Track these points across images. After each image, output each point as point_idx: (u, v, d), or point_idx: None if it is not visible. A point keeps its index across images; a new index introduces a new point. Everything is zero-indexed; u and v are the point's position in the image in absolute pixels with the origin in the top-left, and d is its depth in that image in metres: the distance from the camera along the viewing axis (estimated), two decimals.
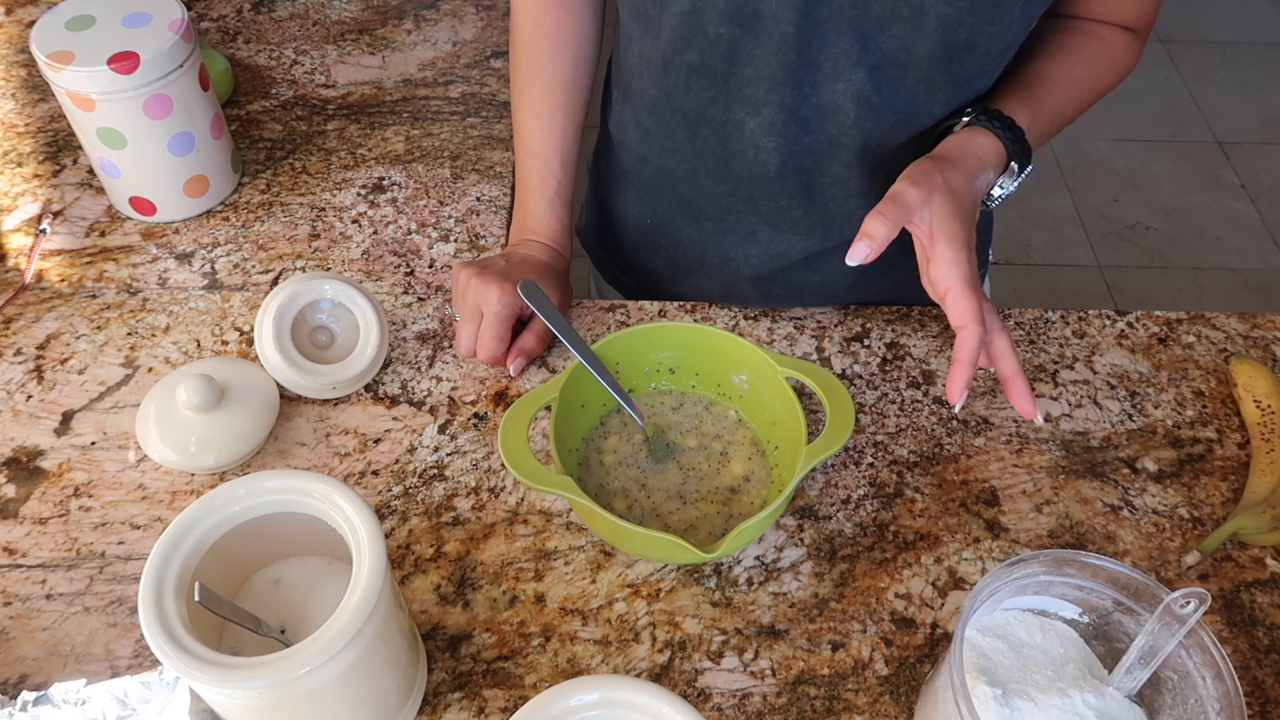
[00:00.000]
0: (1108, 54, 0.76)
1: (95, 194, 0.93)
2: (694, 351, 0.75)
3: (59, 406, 0.76)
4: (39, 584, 0.66)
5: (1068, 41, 0.75)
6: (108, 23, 0.82)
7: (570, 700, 0.49)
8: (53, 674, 0.62)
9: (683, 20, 0.70)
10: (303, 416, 0.76)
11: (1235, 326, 0.85)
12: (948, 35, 0.65)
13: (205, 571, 0.53)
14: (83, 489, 0.71)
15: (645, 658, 0.64)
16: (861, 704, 0.62)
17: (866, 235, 0.61)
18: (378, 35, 1.11)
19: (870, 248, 0.61)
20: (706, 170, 0.80)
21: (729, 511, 0.70)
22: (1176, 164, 2.53)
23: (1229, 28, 2.94)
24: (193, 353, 0.80)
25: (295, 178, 0.95)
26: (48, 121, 0.99)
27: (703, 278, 0.90)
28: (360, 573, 0.50)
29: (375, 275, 0.87)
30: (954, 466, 0.75)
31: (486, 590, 0.67)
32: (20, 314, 0.82)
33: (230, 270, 0.87)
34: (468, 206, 0.93)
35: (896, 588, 0.68)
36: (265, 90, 1.04)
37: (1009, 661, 0.57)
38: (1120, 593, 0.57)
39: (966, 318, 0.62)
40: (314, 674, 0.48)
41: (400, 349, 0.81)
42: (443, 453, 0.74)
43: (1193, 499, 0.73)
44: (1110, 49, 0.76)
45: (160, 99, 0.82)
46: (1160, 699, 0.57)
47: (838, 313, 0.85)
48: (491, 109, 1.02)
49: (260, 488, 0.54)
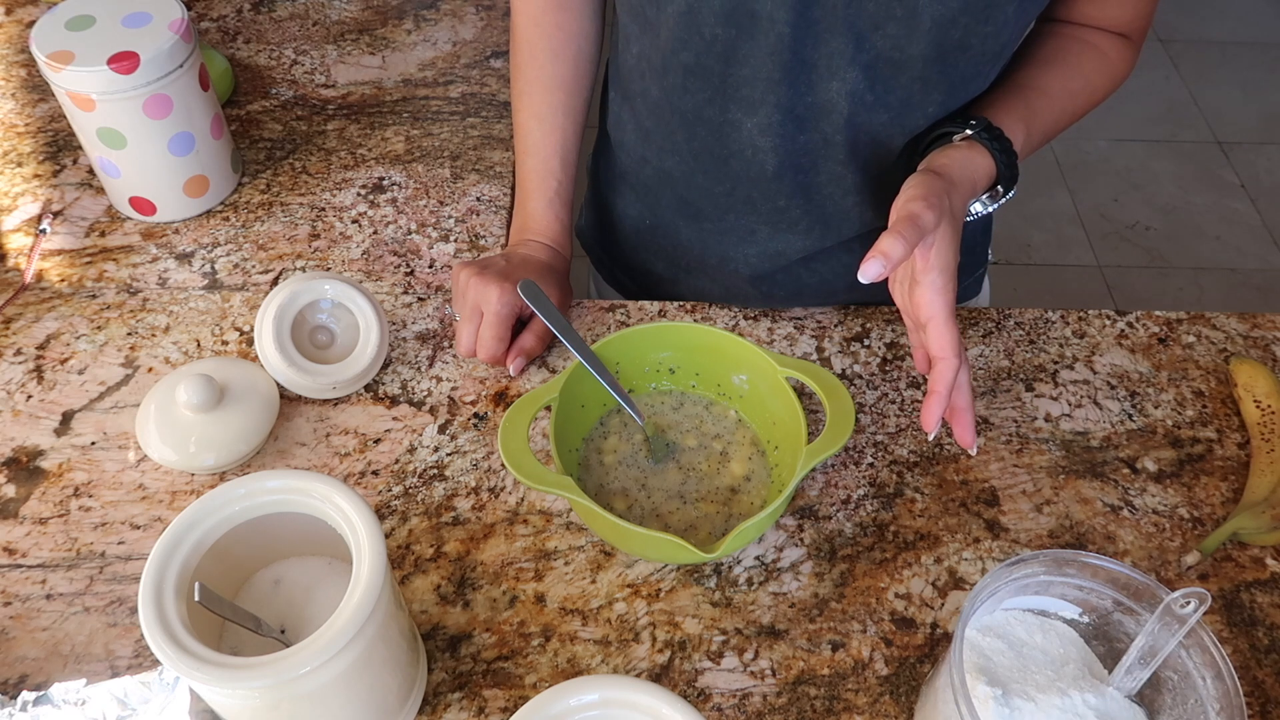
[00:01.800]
0: (1104, 65, 0.76)
1: (95, 194, 0.93)
2: (694, 351, 0.75)
3: (59, 406, 0.76)
4: (39, 584, 0.66)
5: (1064, 52, 0.75)
6: (108, 23, 0.82)
7: (570, 700, 0.49)
8: (53, 674, 0.62)
9: (679, 21, 0.70)
10: (303, 416, 0.76)
11: (1235, 326, 0.85)
12: (941, 35, 0.66)
13: (205, 571, 0.53)
14: (83, 489, 0.71)
15: (645, 658, 0.64)
16: (861, 704, 0.62)
17: (883, 254, 0.60)
18: (378, 35, 1.11)
19: (885, 267, 0.61)
20: (705, 170, 0.80)
21: (729, 511, 0.70)
22: (1176, 164, 2.53)
23: (1229, 28, 2.94)
24: (193, 353, 0.80)
25: (295, 178, 0.95)
26: (48, 121, 0.99)
27: (702, 278, 0.90)
28: (360, 573, 0.50)
29: (375, 275, 0.87)
30: (954, 466, 0.75)
31: (486, 590, 0.67)
32: (20, 314, 0.82)
33: (230, 270, 0.87)
34: (468, 206, 0.93)
35: (896, 588, 0.68)
36: (265, 90, 1.04)
37: (1009, 661, 0.57)
38: (1120, 593, 0.57)
39: (946, 350, 0.63)
40: (314, 674, 0.48)
41: (400, 349, 0.81)
42: (443, 453, 0.74)
43: (1193, 499, 0.73)
44: (1106, 60, 0.76)
45: (160, 99, 0.82)
46: (1160, 699, 0.57)
47: (838, 313, 0.85)
48: (491, 109, 1.02)
49: (260, 488, 0.54)
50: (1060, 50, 0.75)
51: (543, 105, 0.83)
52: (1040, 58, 0.75)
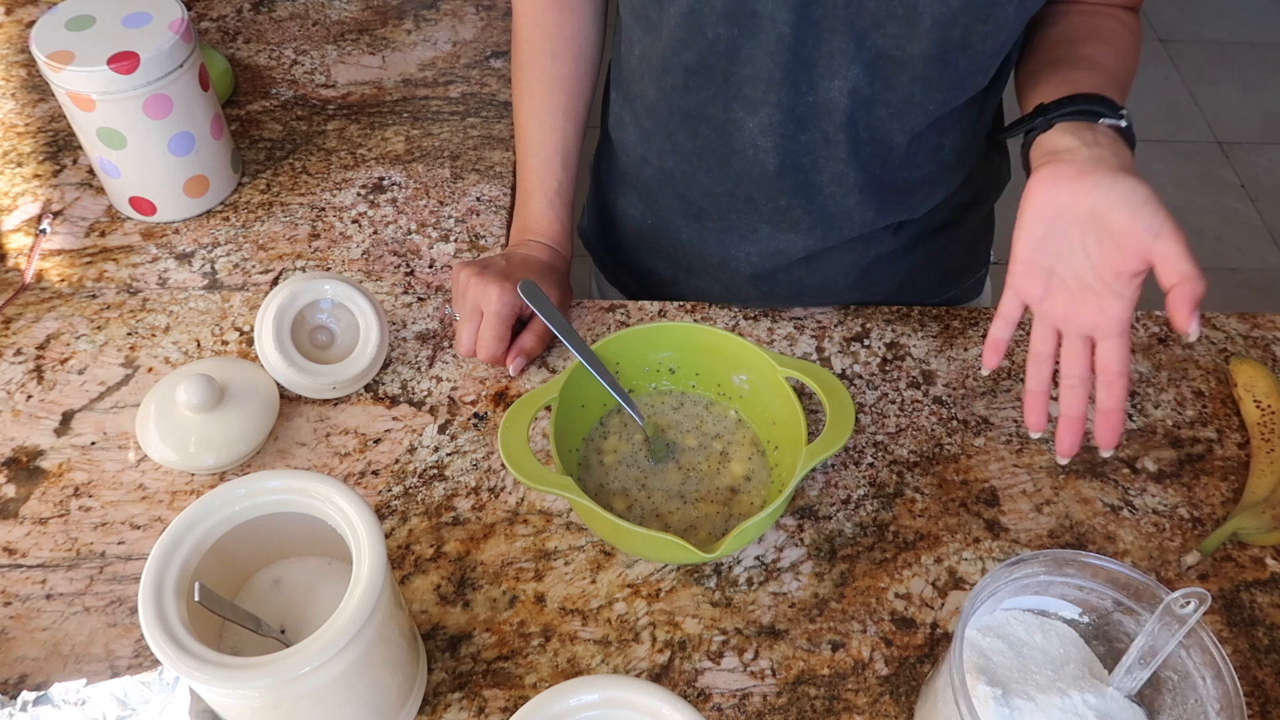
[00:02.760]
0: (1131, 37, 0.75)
1: (95, 194, 0.93)
2: (694, 351, 0.75)
3: (59, 406, 0.76)
4: (39, 584, 0.66)
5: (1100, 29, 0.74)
6: (108, 23, 0.82)
7: (570, 700, 0.49)
8: (53, 674, 0.62)
9: (681, 22, 0.70)
10: (303, 416, 0.76)
11: (1235, 326, 0.85)
12: (942, 34, 0.66)
13: (205, 571, 0.53)
14: (83, 489, 0.71)
15: (645, 658, 0.64)
16: (861, 704, 0.62)
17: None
18: (378, 35, 1.11)
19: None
20: (706, 170, 0.80)
21: (729, 511, 0.70)
22: (1176, 164, 2.53)
23: (1229, 28, 2.94)
24: (193, 353, 0.80)
25: (295, 178, 0.95)
26: (48, 121, 0.99)
27: (703, 277, 0.90)
28: (360, 573, 0.50)
29: (375, 275, 0.87)
30: (954, 466, 0.75)
31: (486, 590, 0.67)
32: (20, 314, 0.82)
33: (230, 270, 0.87)
34: (468, 206, 0.93)
35: (896, 588, 0.68)
36: (265, 90, 1.04)
37: (1009, 661, 0.57)
38: (1120, 593, 0.57)
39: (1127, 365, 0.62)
40: (314, 674, 0.48)
41: (400, 349, 0.81)
42: (443, 453, 0.74)
43: (1193, 499, 0.73)
44: (1134, 34, 0.75)
45: (160, 99, 0.82)
46: (1160, 699, 0.57)
47: (838, 313, 0.85)
48: (491, 109, 1.02)
49: (260, 488, 0.54)
50: (1095, 27, 0.74)
51: (543, 106, 0.83)
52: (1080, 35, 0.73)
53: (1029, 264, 0.64)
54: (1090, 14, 0.75)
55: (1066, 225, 0.61)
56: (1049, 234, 0.62)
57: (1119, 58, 0.72)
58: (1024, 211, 0.63)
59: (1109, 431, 0.62)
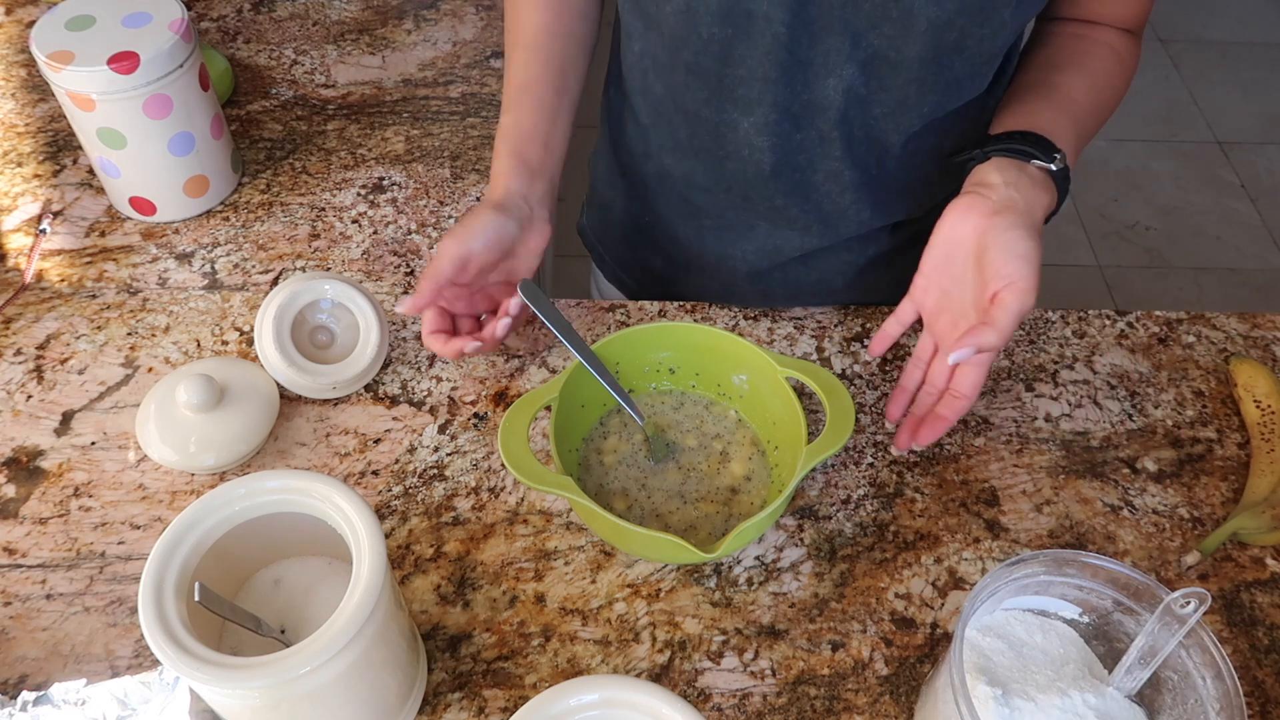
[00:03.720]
0: (1119, 65, 0.75)
1: (95, 194, 0.93)
2: (694, 351, 0.75)
3: (59, 406, 0.76)
4: (39, 584, 0.66)
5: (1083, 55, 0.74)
6: (108, 23, 0.82)
7: (570, 700, 0.49)
8: (53, 674, 0.62)
9: (677, 20, 0.70)
10: (303, 416, 0.76)
11: (1235, 326, 0.85)
12: (937, 37, 0.66)
13: (205, 571, 0.53)
14: (83, 489, 0.71)
15: (645, 658, 0.64)
16: (861, 704, 0.62)
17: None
18: (378, 35, 1.11)
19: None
20: (703, 169, 0.80)
21: (729, 511, 0.70)
22: (1176, 164, 2.53)
23: (1229, 28, 2.94)
24: (193, 353, 0.80)
25: (295, 178, 0.95)
26: (48, 121, 0.99)
27: (700, 275, 0.90)
28: (360, 573, 0.50)
29: (375, 275, 0.87)
30: (954, 466, 0.75)
31: (486, 590, 0.67)
32: (20, 314, 0.82)
33: (230, 270, 0.87)
34: (468, 206, 0.93)
35: (896, 588, 0.68)
36: (265, 90, 1.04)
37: (1009, 661, 0.57)
38: (1120, 593, 0.57)
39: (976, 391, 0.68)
40: (314, 674, 0.48)
41: (400, 349, 0.81)
42: (443, 453, 0.74)
43: (1193, 499, 0.73)
44: (1120, 58, 0.75)
45: (160, 99, 0.82)
46: (1160, 699, 0.57)
47: (838, 313, 0.85)
48: (491, 109, 1.02)
49: (260, 488, 0.54)
50: (1079, 54, 0.74)
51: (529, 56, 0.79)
52: (1060, 63, 0.74)
53: (929, 279, 0.69)
54: (1080, 38, 0.75)
55: (964, 256, 0.67)
56: (949, 258, 0.68)
57: (1092, 90, 0.74)
58: (935, 232, 0.68)
59: (927, 432, 0.69)
